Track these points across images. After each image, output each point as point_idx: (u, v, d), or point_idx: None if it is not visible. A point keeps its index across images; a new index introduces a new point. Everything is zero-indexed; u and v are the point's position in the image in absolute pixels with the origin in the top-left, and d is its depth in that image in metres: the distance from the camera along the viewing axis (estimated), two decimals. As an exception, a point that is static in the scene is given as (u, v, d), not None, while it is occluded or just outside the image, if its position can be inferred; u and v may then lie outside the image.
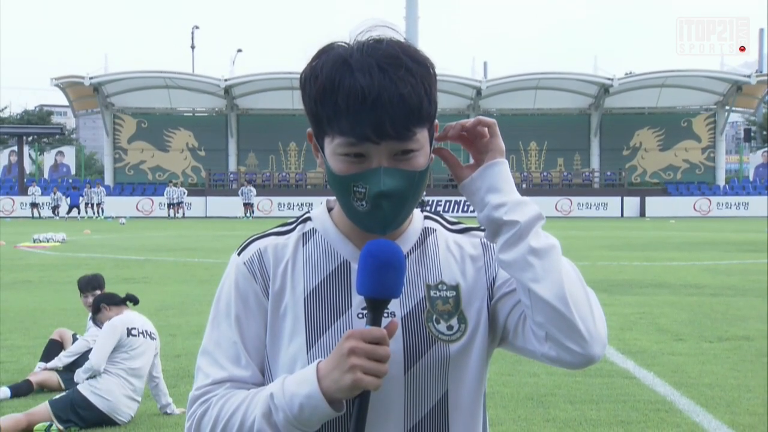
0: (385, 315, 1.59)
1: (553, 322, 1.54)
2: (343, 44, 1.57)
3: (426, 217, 1.77)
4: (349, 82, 1.49)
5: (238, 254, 1.71)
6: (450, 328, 1.64)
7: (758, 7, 57.51)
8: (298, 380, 1.52)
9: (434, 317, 1.65)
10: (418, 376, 1.62)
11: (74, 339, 7.58)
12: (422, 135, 1.57)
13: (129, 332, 6.45)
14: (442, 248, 1.73)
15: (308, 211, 1.76)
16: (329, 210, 1.73)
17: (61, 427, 6.11)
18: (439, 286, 1.68)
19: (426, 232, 1.74)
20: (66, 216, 45.58)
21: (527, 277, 1.56)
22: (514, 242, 1.58)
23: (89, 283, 7.39)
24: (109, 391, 6.24)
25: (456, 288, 1.68)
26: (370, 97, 1.49)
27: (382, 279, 1.50)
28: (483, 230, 1.74)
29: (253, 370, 1.65)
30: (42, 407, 6.26)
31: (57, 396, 6.40)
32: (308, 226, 1.73)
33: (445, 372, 1.64)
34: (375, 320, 1.52)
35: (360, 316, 1.60)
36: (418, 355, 1.62)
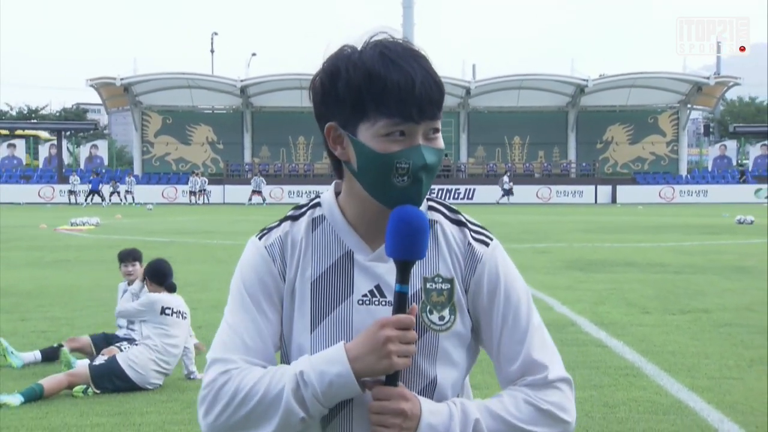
0: (383, 303, 1.58)
1: None
2: (355, 45, 1.57)
3: (430, 208, 1.70)
4: (397, 69, 1.50)
5: (259, 239, 1.68)
6: (442, 318, 1.61)
7: (758, 7, 54.85)
8: (326, 360, 1.51)
9: (428, 308, 1.61)
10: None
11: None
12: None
13: (163, 310, 6.46)
14: (442, 242, 1.66)
15: (318, 195, 1.72)
16: (337, 194, 1.69)
17: (97, 391, 6.09)
18: (435, 279, 1.63)
19: (429, 225, 1.65)
20: (88, 202, 45.27)
21: None
22: None
23: (129, 255, 7.44)
24: (144, 366, 6.20)
25: (451, 281, 1.63)
26: (417, 83, 1.50)
27: (412, 242, 1.48)
28: (476, 229, 1.69)
29: (267, 345, 1.61)
30: (82, 370, 6.20)
31: (97, 362, 6.34)
32: (317, 212, 1.68)
33: (434, 358, 1.60)
34: (404, 279, 1.49)
35: (360, 302, 1.57)
36: None
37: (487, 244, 1.67)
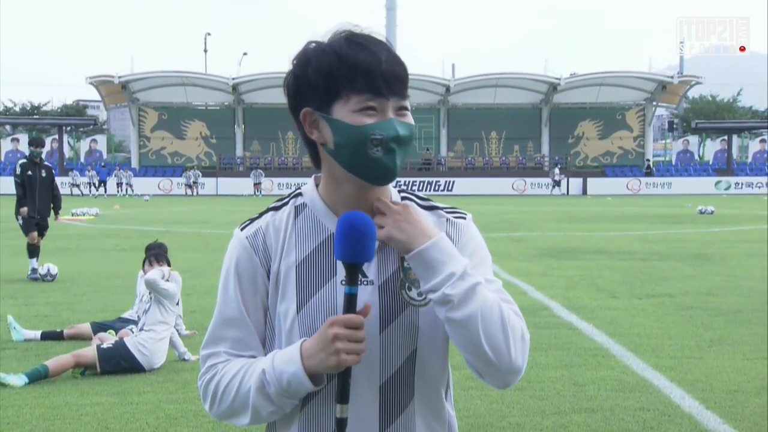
0: (365, 282, 1.57)
1: (472, 363, 1.55)
2: (321, 40, 1.59)
3: (403, 197, 1.72)
4: (364, 51, 1.53)
5: (241, 230, 1.67)
6: (420, 294, 1.60)
7: (758, 7, 54.14)
8: (285, 359, 1.52)
9: (407, 285, 1.61)
10: (391, 336, 1.59)
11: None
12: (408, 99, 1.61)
13: (178, 302, 6.50)
14: None
15: (300, 187, 1.73)
16: (317, 185, 1.69)
17: (98, 372, 6.03)
18: None
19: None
20: (101, 193, 45.33)
21: (449, 332, 1.55)
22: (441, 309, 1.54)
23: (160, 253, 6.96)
24: (152, 352, 6.15)
25: None
26: (383, 61, 1.53)
27: (358, 246, 1.48)
28: (448, 209, 1.71)
29: (251, 334, 1.63)
30: (90, 350, 6.11)
31: (106, 345, 6.23)
32: (299, 200, 1.69)
33: (414, 332, 1.60)
34: (352, 281, 1.49)
35: (343, 282, 1.56)
36: (392, 318, 1.59)
37: (464, 218, 1.71)
